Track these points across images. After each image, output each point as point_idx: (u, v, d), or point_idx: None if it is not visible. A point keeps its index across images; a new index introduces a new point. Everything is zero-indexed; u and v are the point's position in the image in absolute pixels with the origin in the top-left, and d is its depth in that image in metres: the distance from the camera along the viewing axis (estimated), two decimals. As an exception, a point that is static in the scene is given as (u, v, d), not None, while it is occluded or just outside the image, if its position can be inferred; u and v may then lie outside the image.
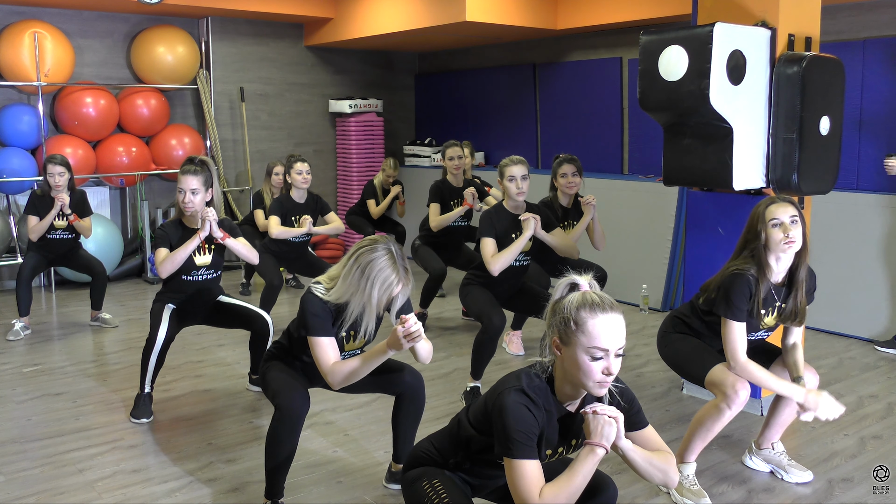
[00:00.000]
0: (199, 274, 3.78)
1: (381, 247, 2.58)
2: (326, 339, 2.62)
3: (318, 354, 2.62)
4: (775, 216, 2.78)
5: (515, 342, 4.85)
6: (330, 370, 2.59)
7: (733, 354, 2.80)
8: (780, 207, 2.79)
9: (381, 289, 2.57)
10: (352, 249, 2.65)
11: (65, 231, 5.21)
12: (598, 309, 1.89)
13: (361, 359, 2.57)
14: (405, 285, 2.63)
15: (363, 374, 2.59)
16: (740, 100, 3.42)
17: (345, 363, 2.59)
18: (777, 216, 2.78)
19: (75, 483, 3.08)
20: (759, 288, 2.81)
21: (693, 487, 2.93)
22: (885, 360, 4.67)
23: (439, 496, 2.09)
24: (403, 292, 2.65)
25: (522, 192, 3.92)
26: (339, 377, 2.59)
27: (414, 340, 2.47)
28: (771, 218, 2.78)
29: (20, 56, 6.35)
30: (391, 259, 2.57)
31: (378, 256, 2.56)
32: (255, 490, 2.99)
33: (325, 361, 2.61)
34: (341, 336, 2.73)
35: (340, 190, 8.48)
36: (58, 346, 4.99)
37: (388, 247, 2.59)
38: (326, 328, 2.63)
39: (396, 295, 2.63)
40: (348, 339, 2.77)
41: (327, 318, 2.63)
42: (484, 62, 8.22)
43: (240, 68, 7.80)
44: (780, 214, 2.77)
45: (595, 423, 1.92)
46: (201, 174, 3.68)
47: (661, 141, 3.75)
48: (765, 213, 2.80)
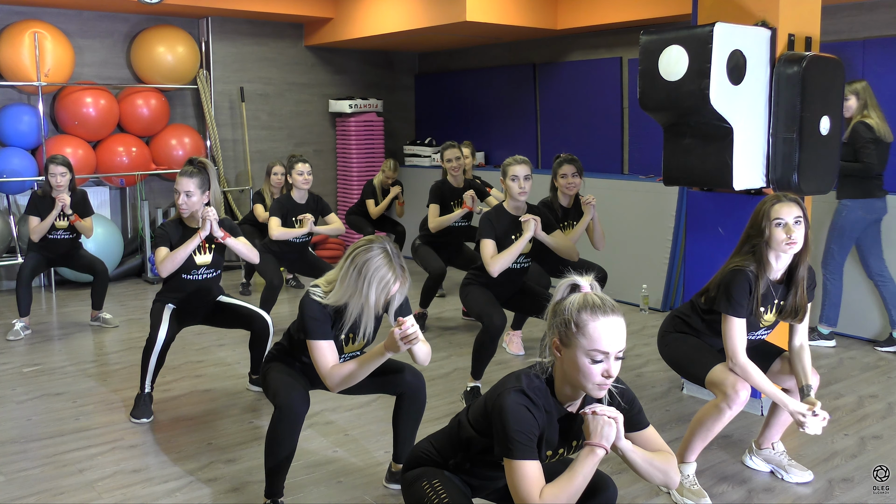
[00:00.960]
0: (200, 273, 3.78)
1: (376, 246, 2.58)
2: (325, 342, 2.63)
3: (317, 358, 2.63)
4: (780, 216, 2.78)
5: (515, 342, 4.85)
6: (328, 373, 2.60)
7: (733, 352, 2.80)
8: (785, 207, 2.79)
9: (378, 288, 2.57)
10: (348, 251, 2.65)
11: (66, 231, 5.21)
12: (598, 311, 1.89)
13: (359, 362, 2.57)
14: (402, 284, 2.63)
15: (361, 376, 2.59)
16: (740, 100, 3.42)
17: (342, 366, 2.59)
18: (781, 216, 2.78)
19: (75, 483, 3.08)
20: (758, 284, 2.81)
21: (693, 487, 2.93)
22: (885, 360, 4.67)
23: (439, 496, 2.09)
24: (401, 291, 2.65)
25: (524, 191, 3.92)
26: (337, 380, 2.59)
27: (411, 343, 2.47)
28: (775, 217, 2.78)
29: (20, 56, 6.35)
30: (387, 258, 2.57)
31: (374, 256, 2.56)
32: (255, 490, 2.99)
33: (323, 365, 2.61)
34: (341, 339, 2.74)
35: (340, 190, 8.48)
36: (58, 346, 4.99)
37: (383, 246, 2.58)
38: (325, 331, 2.63)
39: (394, 294, 2.63)
40: (347, 342, 2.77)
41: (326, 322, 2.63)
42: (484, 62, 8.22)
43: (240, 68, 7.80)
44: (785, 215, 2.77)
45: (595, 424, 1.91)
46: (197, 176, 3.69)
47: (661, 141, 3.75)
48: (770, 212, 2.80)
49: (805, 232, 2.80)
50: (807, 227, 2.80)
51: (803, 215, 2.79)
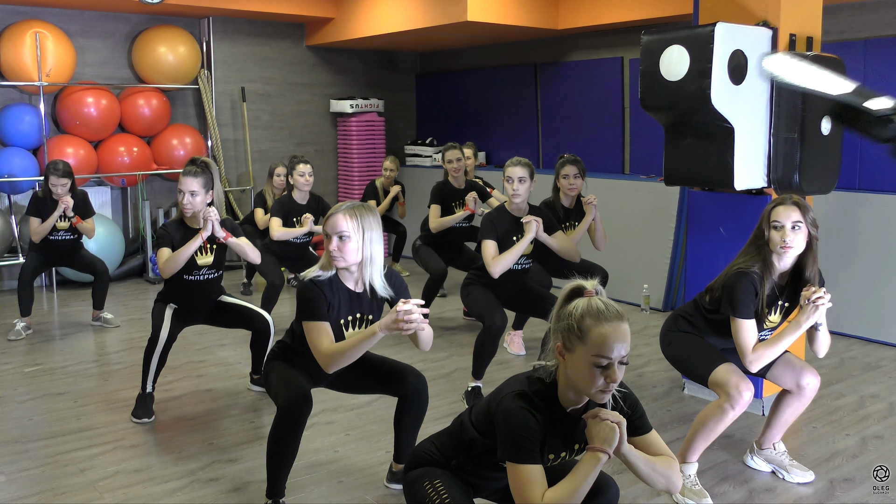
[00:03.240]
0: (201, 274, 3.78)
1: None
2: (320, 322, 2.63)
3: (312, 337, 2.63)
4: (778, 219, 2.78)
5: (517, 342, 4.85)
6: (324, 352, 2.59)
7: (745, 350, 2.80)
8: (785, 211, 2.79)
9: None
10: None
11: (67, 232, 5.21)
12: (603, 317, 1.88)
13: (354, 340, 2.55)
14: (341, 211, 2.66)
15: (356, 355, 2.56)
16: (741, 100, 3.42)
17: (338, 345, 2.59)
18: (779, 219, 2.78)
19: (77, 483, 3.08)
20: (763, 285, 2.81)
21: (695, 487, 2.93)
22: (886, 360, 4.66)
23: (440, 496, 2.08)
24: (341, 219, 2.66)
25: (517, 193, 3.91)
26: (333, 359, 2.57)
27: (410, 325, 2.40)
28: (773, 219, 2.79)
29: (22, 56, 6.36)
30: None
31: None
32: (257, 490, 2.99)
33: (318, 344, 2.61)
34: (341, 324, 2.74)
35: (341, 190, 8.48)
36: (59, 346, 4.99)
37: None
38: (320, 312, 2.64)
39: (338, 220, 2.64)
40: (347, 327, 2.77)
41: (321, 303, 2.64)
42: (485, 62, 8.22)
43: (241, 68, 7.80)
44: (783, 218, 2.78)
45: (597, 429, 1.91)
46: (201, 176, 3.69)
47: (662, 141, 3.75)
48: (770, 214, 2.81)
49: (809, 234, 2.79)
50: (811, 230, 2.80)
51: (806, 219, 2.79)
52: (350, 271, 2.73)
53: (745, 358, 2.80)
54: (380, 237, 2.73)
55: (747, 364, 2.81)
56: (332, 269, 2.71)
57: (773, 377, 3.05)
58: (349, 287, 2.74)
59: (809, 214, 2.80)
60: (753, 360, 2.79)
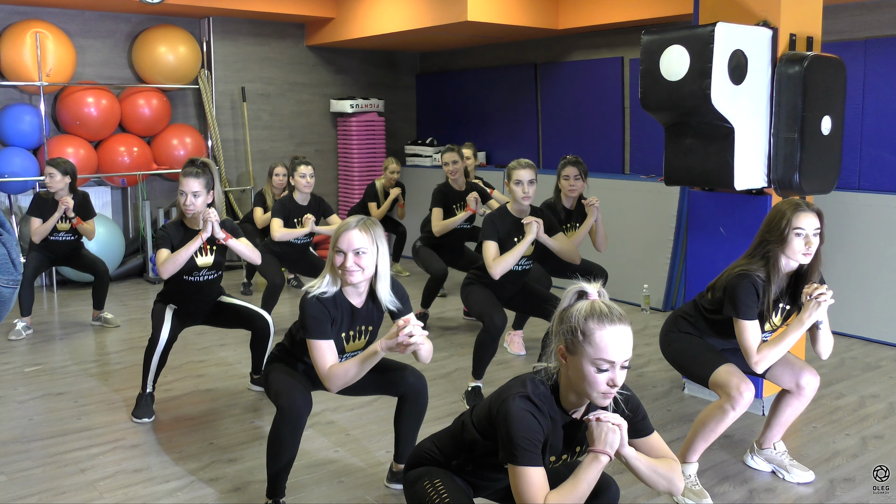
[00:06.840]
0: (201, 275, 3.78)
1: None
2: (324, 342, 2.62)
3: (316, 357, 2.63)
4: (801, 226, 2.77)
5: (517, 342, 4.85)
6: (327, 374, 2.59)
7: (750, 352, 2.80)
8: (807, 218, 2.79)
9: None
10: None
11: (67, 233, 5.21)
12: (605, 320, 1.88)
13: (356, 361, 2.56)
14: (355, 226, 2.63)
15: (359, 375, 2.57)
16: (742, 99, 3.42)
17: (341, 366, 2.59)
18: (803, 226, 2.78)
19: (77, 483, 3.09)
20: (768, 289, 2.81)
21: (695, 487, 2.93)
22: (886, 360, 4.66)
23: (440, 496, 2.08)
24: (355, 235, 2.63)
25: (528, 196, 3.91)
26: (335, 379, 2.57)
27: (410, 345, 2.40)
28: (797, 226, 2.78)
29: (22, 56, 6.36)
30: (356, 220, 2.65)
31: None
32: (257, 490, 2.99)
33: (322, 364, 2.61)
34: (342, 337, 2.74)
35: (342, 190, 8.48)
36: (59, 346, 4.99)
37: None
38: (324, 331, 2.63)
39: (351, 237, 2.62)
40: (349, 340, 2.77)
41: (325, 321, 2.63)
42: (485, 62, 8.22)
43: (241, 68, 7.81)
44: (807, 226, 2.78)
45: (599, 431, 1.91)
46: (203, 177, 3.68)
47: (662, 141, 3.75)
48: (793, 219, 2.78)
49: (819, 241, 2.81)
50: (821, 239, 2.81)
51: (823, 227, 2.81)
52: (357, 288, 2.72)
53: (751, 359, 2.80)
54: (386, 251, 2.72)
55: (753, 365, 2.81)
56: (336, 285, 2.69)
57: (773, 377, 3.05)
58: (352, 302, 2.74)
59: (823, 222, 2.82)
60: (759, 360, 2.79)
